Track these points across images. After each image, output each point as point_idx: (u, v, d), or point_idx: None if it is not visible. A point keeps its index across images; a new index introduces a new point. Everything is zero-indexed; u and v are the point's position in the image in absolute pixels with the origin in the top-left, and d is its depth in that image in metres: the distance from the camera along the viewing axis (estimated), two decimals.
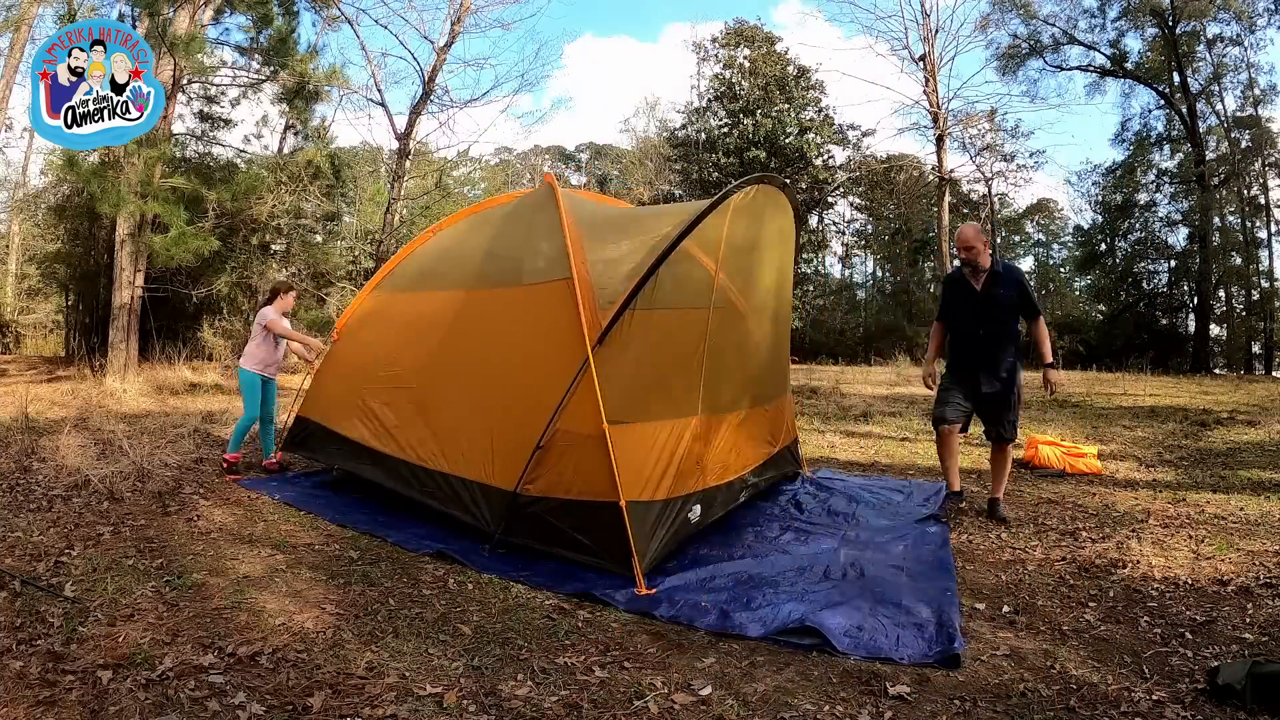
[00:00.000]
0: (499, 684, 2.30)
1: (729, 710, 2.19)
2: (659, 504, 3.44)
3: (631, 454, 3.35)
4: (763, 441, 4.77)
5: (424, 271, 4.79)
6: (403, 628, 2.69)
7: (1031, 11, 20.79)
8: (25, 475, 4.54)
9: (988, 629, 2.82)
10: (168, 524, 3.77)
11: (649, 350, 3.60)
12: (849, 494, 4.87)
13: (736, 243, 4.06)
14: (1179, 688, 2.32)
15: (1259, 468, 5.81)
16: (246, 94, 13.67)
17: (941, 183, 10.10)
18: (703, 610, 2.93)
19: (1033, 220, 34.81)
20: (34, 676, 2.17)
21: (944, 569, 3.43)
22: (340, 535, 3.79)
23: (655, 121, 33.78)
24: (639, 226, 4.42)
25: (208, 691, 2.16)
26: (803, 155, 24.26)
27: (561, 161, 45.47)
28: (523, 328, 3.83)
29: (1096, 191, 26.06)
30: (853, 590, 3.15)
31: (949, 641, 2.62)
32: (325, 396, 4.84)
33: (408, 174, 13.33)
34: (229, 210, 11.93)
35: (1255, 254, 22.09)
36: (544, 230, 4.07)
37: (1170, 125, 22.81)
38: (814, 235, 26.90)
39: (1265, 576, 3.29)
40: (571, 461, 3.38)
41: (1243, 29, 20.43)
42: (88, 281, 12.33)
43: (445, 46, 12.04)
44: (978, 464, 6.21)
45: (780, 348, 5.31)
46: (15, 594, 2.75)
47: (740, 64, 25.72)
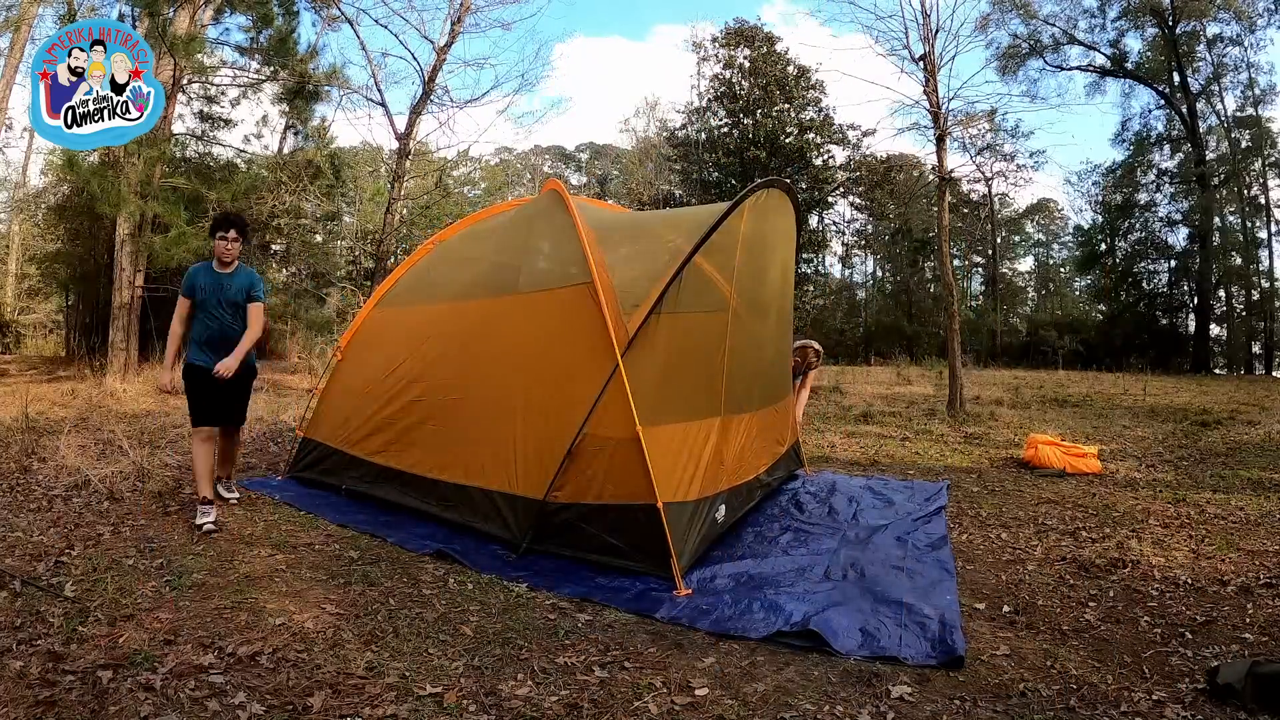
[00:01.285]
0: (499, 684, 2.30)
1: (729, 710, 2.19)
2: (691, 504, 3.44)
3: (663, 455, 3.34)
4: (773, 440, 4.79)
5: (429, 283, 4.71)
6: (403, 628, 2.69)
7: (1031, 11, 20.82)
8: (25, 475, 4.54)
9: (988, 629, 2.82)
10: (168, 524, 3.77)
11: (674, 353, 3.60)
12: (849, 494, 4.88)
13: (748, 245, 4.08)
14: (1179, 688, 2.32)
15: (1259, 468, 5.81)
16: (246, 94, 13.69)
17: (941, 183, 10.09)
18: (703, 611, 2.93)
19: (1033, 220, 34.84)
20: (34, 676, 2.17)
21: (944, 569, 3.43)
22: (340, 535, 3.79)
23: (655, 121, 33.82)
24: (648, 231, 4.43)
25: (208, 691, 2.16)
26: (803, 155, 24.26)
27: (561, 161, 45.49)
28: (540, 334, 3.78)
29: (1096, 191, 26.11)
30: (854, 590, 3.15)
31: (951, 642, 2.62)
32: (332, 416, 4.72)
33: (408, 174, 13.31)
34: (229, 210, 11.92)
35: (1255, 254, 22.11)
36: (555, 235, 4.05)
37: (1170, 125, 22.84)
38: (814, 235, 26.89)
39: (1265, 576, 3.29)
40: (602, 466, 3.36)
41: (1243, 29, 20.45)
42: (88, 281, 12.34)
43: (445, 46, 12.01)
44: (977, 464, 6.21)
45: (785, 347, 5.33)
46: (15, 594, 2.75)
47: (740, 64, 25.71)
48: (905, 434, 7.67)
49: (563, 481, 3.44)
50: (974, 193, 28.13)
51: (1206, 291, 22.02)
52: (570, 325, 3.62)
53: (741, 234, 3.94)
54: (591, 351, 3.45)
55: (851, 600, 3.02)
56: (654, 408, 3.37)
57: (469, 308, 4.23)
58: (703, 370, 3.87)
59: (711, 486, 3.65)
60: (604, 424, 3.35)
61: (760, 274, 4.53)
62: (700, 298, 3.76)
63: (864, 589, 3.16)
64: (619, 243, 4.03)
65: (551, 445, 3.49)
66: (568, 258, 3.83)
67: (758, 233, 4.22)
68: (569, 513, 3.44)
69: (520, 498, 3.58)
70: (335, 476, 4.53)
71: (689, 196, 25.73)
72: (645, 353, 3.41)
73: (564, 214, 4.07)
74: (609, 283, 3.58)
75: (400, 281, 4.93)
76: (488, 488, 3.72)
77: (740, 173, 23.73)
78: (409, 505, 4.05)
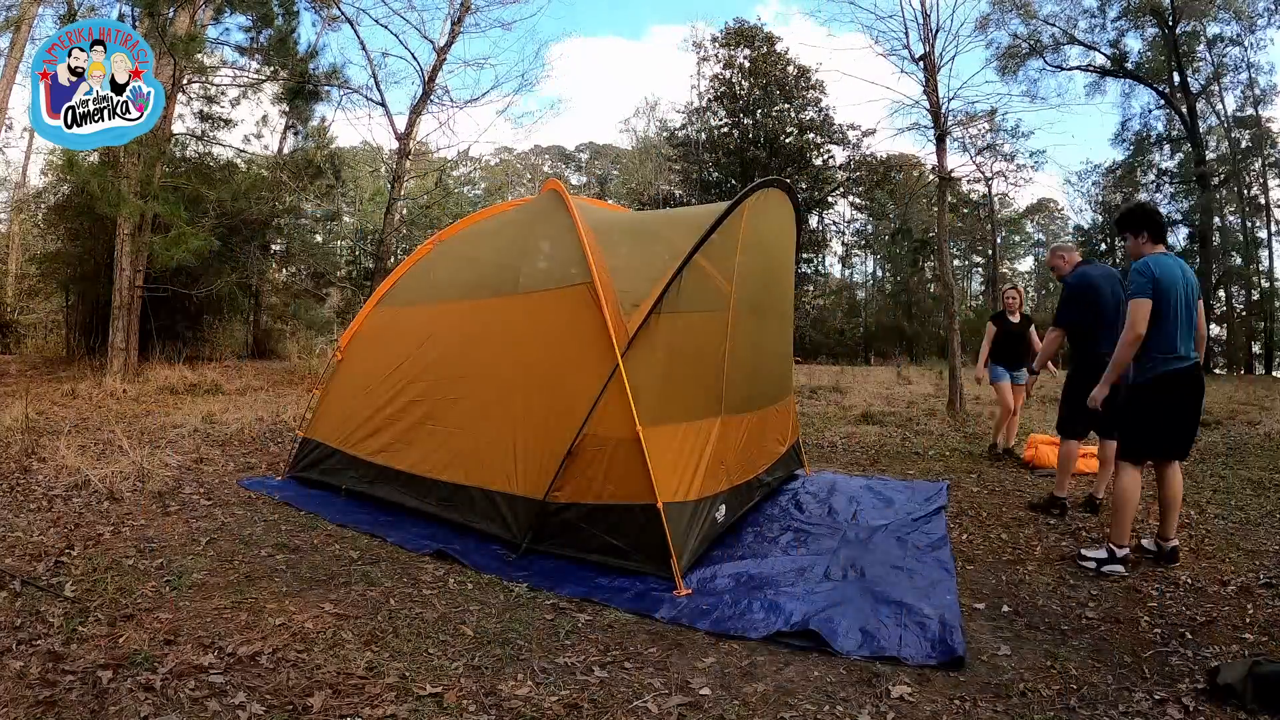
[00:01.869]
0: (499, 684, 2.30)
1: (729, 710, 2.19)
2: (692, 504, 3.44)
3: (664, 455, 3.34)
4: (774, 440, 4.79)
5: (429, 283, 4.70)
6: (403, 628, 2.69)
7: (1031, 11, 20.80)
8: (25, 475, 4.54)
9: (988, 629, 2.82)
10: (168, 524, 3.77)
11: (674, 353, 3.60)
12: (849, 494, 4.88)
13: (748, 244, 4.08)
14: (1179, 688, 2.32)
15: (1259, 468, 5.81)
16: (246, 94, 13.68)
17: (941, 183, 10.09)
18: (703, 612, 2.93)
19: (1033, 220, 34.85)
20: (34, 676, 2.17)
21: (944, 569, 3.43)
22: (340, 535, 3.79)
23: (655, 122, 33.84)
24: (648, 231, 4.42)
25: (208, 691, 2.16)
26: (803, 155, 24.27)
27: (561, 161, 45.49)
28: (540, 334, 3.79)
29: (1096, 191, 26.11)
30: (854, 590, 3.15)
31: (951, 642, 2.62)
32: (332, 417, 4.71)
33: (408, 174, 13.32)
34: (229, 210, 11.93)
35: (1255, 254, 22.12)
36: (556, 235, 4.05)
37: (1170, 125, 22.84)
38: (814, 235, 26.91)
39: (1265, 576, 3.29)
40: (603, 466, 3.36)
41: (1243, 29, 20.45)
42: (88, 281, 12.32)
43: (445, 46, 12.03)
44: (977, 464, 6.20)
45: (785, 347, 5.33)
46: (15, 594, 2.75)
47: (740, 64, 25.72)
48: (905, 434, 7.67)
49: (563, 482, 3.44)
50: (974, 193, 28.14)
51: (1206, 291, 21.98)
52: (570, 325, 3.62)
53: (742, 233, 3.94)
54: (591, 351, 3.45)
55: (851, 600, 3.02)
56: (654, 407, 3.37)
57: (469, 308, 4.22)
58: (703, 370, 3.87)
59: (712, 486, 3.65)
60: (604, 424, 3.35)
61: (761, 273, 4.53)
62: (701, 297, 3.75)
63: (864, 589, 3.16)
64: (619, 243, 4.03)
65: (552, 445, 3.49)
66: (568, 258, 3.82)
67: (758, 232, 4.22)
68: (569, 513, 3.44)
69: (520, 498, 3.58)
70: (335, 476, 4.52)
71: (689, 196, 25.74)
72: (645, 352, 3.41)
73: (564, 214, 4.07)
74: (609, 282, 3.58)
75: (400, 281, 4.91)
76: (488, 488, 3.72)
77: (740, 173, 23.74)
78: (409, 505, 4.05)
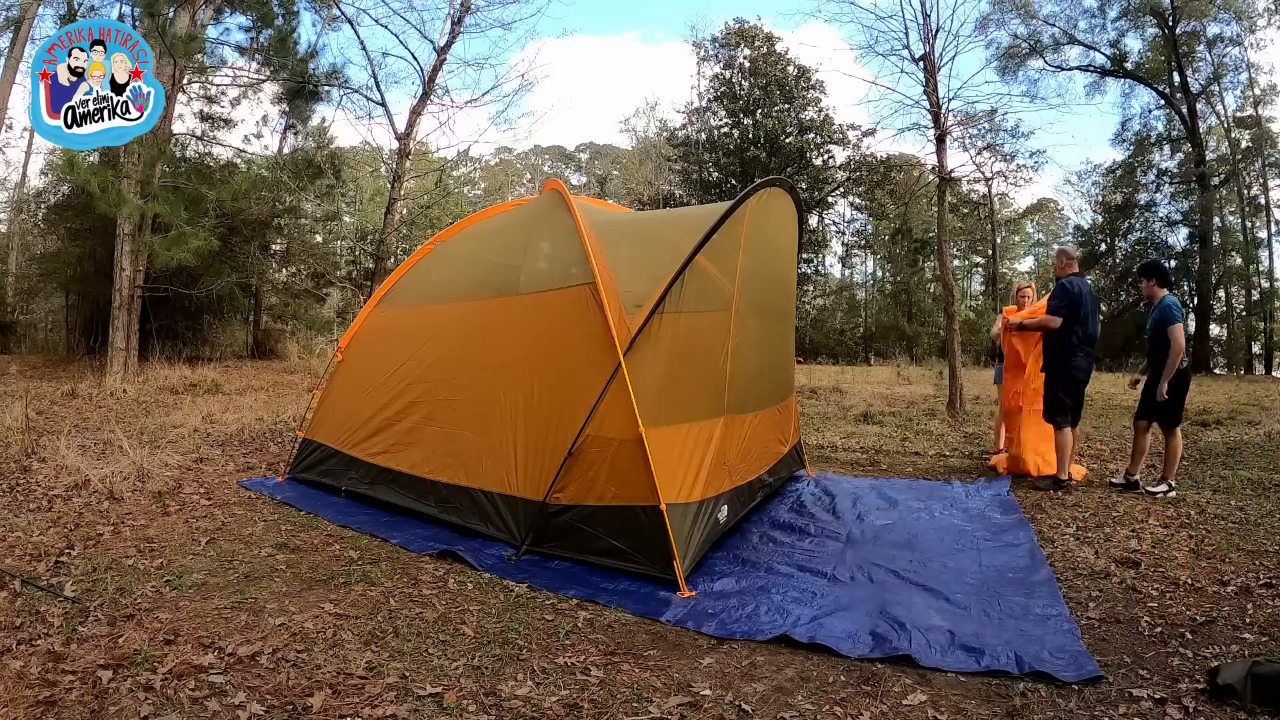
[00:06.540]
0: (499, 684, 2.30)
1: (729, 710, 2.19)
2: (694, 505, 3.43)
3: (666, 456, 3.33)
4: (776, 441, 4.79)
5: (429, 284, 4.70)
6: (403, 628, 2.69)
7: (1031, 11, 20.80)
8: (25, 475, 4.54)
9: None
10: (168, 524, 3.77)
11: (677, 353, 3.59)
12: (852, 495, 4.87)
13: (750, 244, 4.08)
14: (1179, 688, 2.32)
15: (1259, 468, 5.81)
16: (246, 94, 13.69)
17: (941, 183, 10.09)
18: (707, 614, 2.91)
19: (1033, 220, 34.82)
20: (34, 676, 2.17)
21: (946, 569, 3.43)
22: (340, 535, 3.79)
23: (655, 121, 33.83)
24: (650, 231, 4.41)
25: (208, 691, 2.16)
26: (803, 155, 24.27)
27: (561, 161, 45.48)
28: (542, 335, 3.78)
29: (1096, 191, 26.07)
30: (859, 592, 3.14)
31: (960, 643, 2.61)
32: (333, 418, 4.71)
33: (408, 174, 13.31)
34: (229, 210, 11.92)
35: (1255, 254, 22.11)
36: (557, 235, 4.05)
37: (1170, 125, 22.82)
38: (814, 235, 26.91)
39: (1265, 576, 3.29)
40: (604, 467, 3.34)
41: (1243, 29, 20.44)
42: (88, 281, 12.33)
43: (445, 46, 12.02)
44: (977, 464, 6.20)
45: (787, 347, 5.33)
46: (15, 594, 2.75)
47: (740, 64, 25.73)
48: (905, 434, 7.67)
49: (564, 483, 3.43)
50: (974, 193, 28.10)
51: (1206, 291, 22.01)
52: (572, 325, 3.61)
53: (744, 233, 3.94)
54: (593, 352, 3.44)
55: (858, 603, 3.01)
56: (657, 408, 3.36)
57: (470, 308, 4.22)
58: (706, 370, 3.87)
59: (714, 487, 3.64)
60: (606, 425, 3.34)
61: (763, 273, 4.53)
62: (703, 297, 3.75)
63: (868, 590, 3.15)
64: (621, 243, 4.03)
65: (552, 446, 3.48)
66: (569, 258, 3.82)
67: (760, 232, 4.21)
68: (570, 514, 3.43)
69: (520, 499, 3.58)
70: (335, 477, 4.52)
71: (689, 196, 25.74)
72: (648, 353, 3.40)
73: (565, 214, 4.07)
74: (611, 283, 3.57)
75: (401, 282, 4.91)
76: (488, 489, 3.72)
77: (740, 173, 23.75)
78: (409, 506, 4.04)
